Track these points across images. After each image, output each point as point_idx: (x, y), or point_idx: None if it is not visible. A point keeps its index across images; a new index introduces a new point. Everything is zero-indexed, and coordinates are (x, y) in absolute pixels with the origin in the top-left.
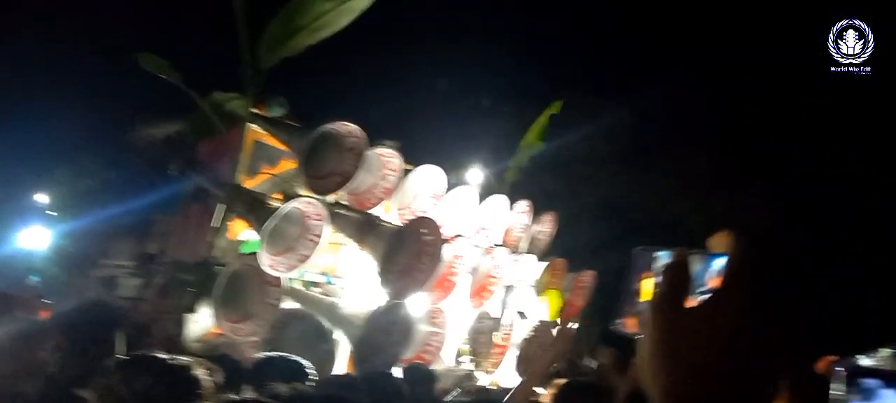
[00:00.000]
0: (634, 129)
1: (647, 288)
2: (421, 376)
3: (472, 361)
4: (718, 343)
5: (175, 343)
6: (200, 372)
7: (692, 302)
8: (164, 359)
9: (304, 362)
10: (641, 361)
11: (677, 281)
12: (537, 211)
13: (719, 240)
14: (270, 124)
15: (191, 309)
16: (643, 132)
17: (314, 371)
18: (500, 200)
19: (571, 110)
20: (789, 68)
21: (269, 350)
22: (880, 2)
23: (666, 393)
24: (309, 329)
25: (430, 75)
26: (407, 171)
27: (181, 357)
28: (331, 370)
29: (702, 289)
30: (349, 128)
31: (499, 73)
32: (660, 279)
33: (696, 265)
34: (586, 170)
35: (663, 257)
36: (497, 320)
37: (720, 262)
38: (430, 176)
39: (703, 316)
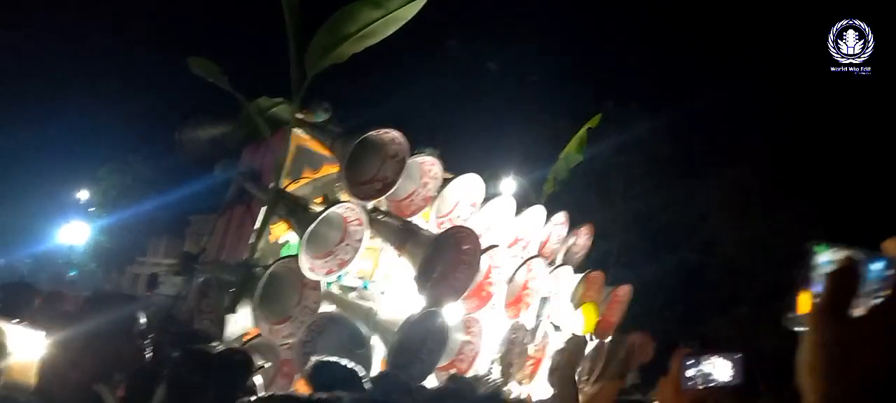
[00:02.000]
0: (673, 142)
1: (805, 301)
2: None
3: (505, 372)
4: (887, 353)
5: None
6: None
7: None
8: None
9: (358, 368)
10: (802, 368)
11: (843, 287)
12: (573, 223)
13: (894, 244)
14: (314, 129)
15: (230, 310)
16: (682, 145)
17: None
18: (538, 211)
19: (609, 122)
20: (833, 80)
21: (307, 353)
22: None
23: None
24: (346, 333)
25: (470, 84)
26: (446, 180)
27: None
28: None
29: (869, 293)
30: (392, 135)
31: (536, 85)
32: (825, 284)
33: (861, 267)
34: (624, 182)
35: (822, 261)
36: (532, 331)
37: (881, 266)
38: (469, 185)
39: (872, 325)
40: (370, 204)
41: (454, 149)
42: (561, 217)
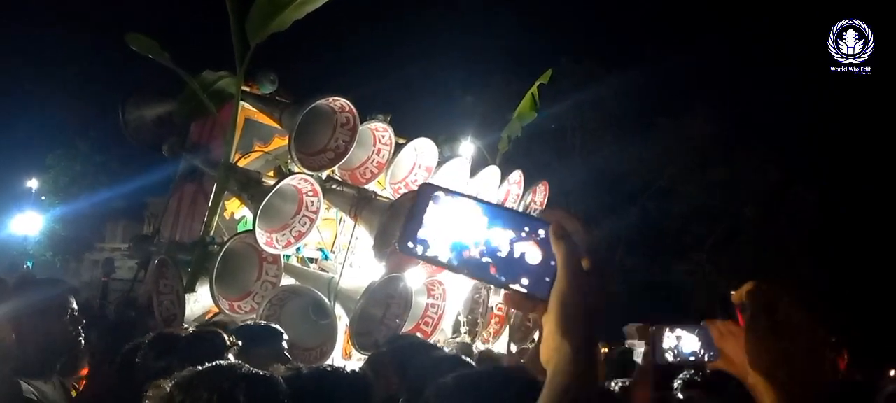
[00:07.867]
0: (627, 96)
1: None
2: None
3: (471, 331)
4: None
5: (174, 323)
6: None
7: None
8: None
9: (276, 327)
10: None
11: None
12: (530, 182)
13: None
14: (261, 101)
15: (189, 289)
16: (636, 99)
17: (286, 337)
18: (493, 171)
19: (564, 79)
20: (787, 29)
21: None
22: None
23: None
24: (308, 305)
25: (420, 47)
26: (399, 145)
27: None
28: (332, 344)
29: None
30: (340, 102)
31: (489, 44)
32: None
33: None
34: (580, 138)
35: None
36: (495, 290)
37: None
38: (422, 149)
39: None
40: (324, 174)
41: (407, 113)
42: (516, 176)
